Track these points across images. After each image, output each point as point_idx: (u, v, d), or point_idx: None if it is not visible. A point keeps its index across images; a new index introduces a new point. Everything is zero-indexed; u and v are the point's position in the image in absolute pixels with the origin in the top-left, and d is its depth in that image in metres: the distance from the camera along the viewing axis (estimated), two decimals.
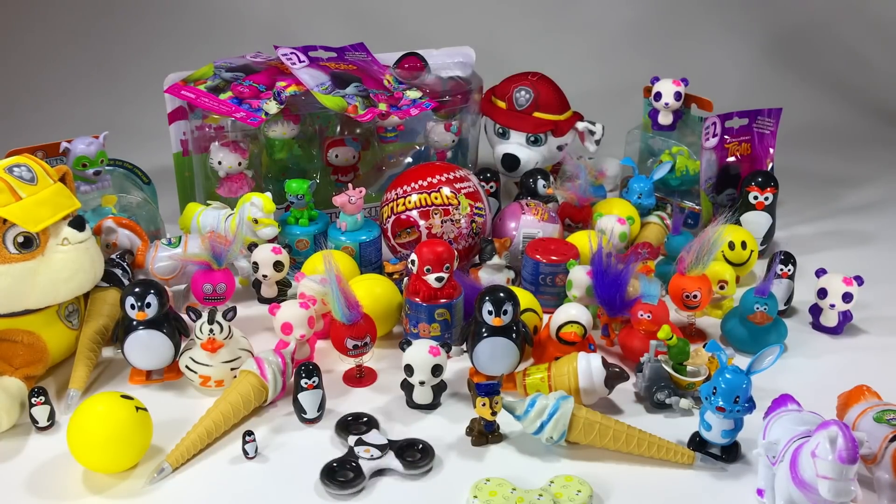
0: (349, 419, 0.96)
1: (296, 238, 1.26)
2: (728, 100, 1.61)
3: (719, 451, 0.93)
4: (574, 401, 0.93)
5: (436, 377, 0.98)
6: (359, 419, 0.96)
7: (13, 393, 0.97)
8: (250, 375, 0.98)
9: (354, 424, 0.95)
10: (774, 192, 1.34)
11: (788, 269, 1.21)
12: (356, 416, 0.97)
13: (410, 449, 0.92)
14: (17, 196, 0.97)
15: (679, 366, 1.01)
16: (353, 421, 0.96)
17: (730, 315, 1.16)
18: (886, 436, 0.84)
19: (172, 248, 1.19)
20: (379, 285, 1.13)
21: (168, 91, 1.32)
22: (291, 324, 1.04)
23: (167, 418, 0.95)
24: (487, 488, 0.86)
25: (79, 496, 0.87)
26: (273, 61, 1.37)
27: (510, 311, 0.99)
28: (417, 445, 0.92)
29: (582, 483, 0.87)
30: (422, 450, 0.92)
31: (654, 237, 1.35)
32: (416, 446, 0.92)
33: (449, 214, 1.21)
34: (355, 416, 0.97)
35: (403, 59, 1.47)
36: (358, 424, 0.96)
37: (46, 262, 0.99)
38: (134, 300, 0.99)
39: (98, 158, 1.26)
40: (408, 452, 0.91)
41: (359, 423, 0.96)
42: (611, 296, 1.10)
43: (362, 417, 0.97)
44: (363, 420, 0.96)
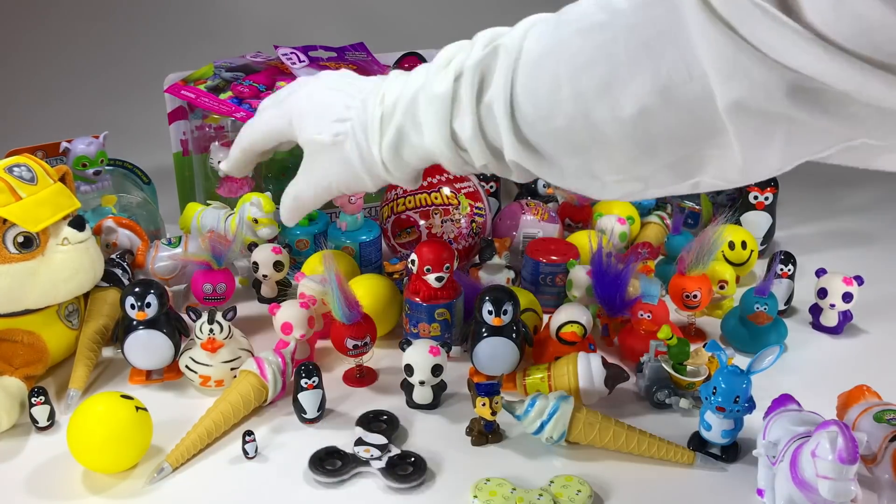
0: (370, 416, 0.96)
1: (296, 238, 1.26)
2: None
3: (719, 451, 0.93)
4: (574, 401, 0.93)
5: (436, 377, 0.98)
6: (379, 416, 0.97)
7: (13, 393, 0.97)
8: (250, 375, 0.98)
9: (375, 422, 0.96)
10: (774, 192, 1.34)
11: (788, 269, 1.21)
12: (377, 414, 0.97)
13: (402, 462, 0.90)
14: (17, 196, 0.97)
15: (679, 366, 1.01)
16: (374, 418, 0.96)
17: (730, 315, 1.16)
18: (886, 436, 0.84)
19: (172, 248, 1.19)
20: (379, 285, 1.13)
21: (168, 91, 1.32)
22: (291, 324, 1.04)
23: (167, 418, 0.95)
24: (487, 488, 0.86)
25: (79, 496, 0.87)
26: (273, 61, 1.37)
27: (510, 311, 0.99)
28: (410, 458, 0.91)
29: (582, 483, 0.87)
30: (414, 463, 0.90)
31: (654, 237, 1.35)
32: (409, 459, 0.91)
33: (449, 214, 1.21)
34: (376, 414, 0.97)
35: (403, 58, 1.47)
36: (378, 422, 0.96)
37: (46, 262, 0.99)
38: (134, 300, 0.99)
39: (98, 158, 1.26)
40: (399, 465, 0.90)
41: (379, 420, 0.96)
42: (611, 296, 1.10)
43: (383, 415, 0.97)
44: (383, 418, 0.97)
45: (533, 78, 0.76)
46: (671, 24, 0.68)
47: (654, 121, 0.71)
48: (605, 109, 0.73)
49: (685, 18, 0.66)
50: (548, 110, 0.76)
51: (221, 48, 1.60)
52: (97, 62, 1.98)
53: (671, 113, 0.71)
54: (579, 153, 0.77)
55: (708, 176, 0.75)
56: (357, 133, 0.88)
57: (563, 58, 0.74)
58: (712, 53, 0.65)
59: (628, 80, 0.71)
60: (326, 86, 0.93)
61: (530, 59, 0.77)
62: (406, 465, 0.90)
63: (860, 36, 0.58)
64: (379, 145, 0.87)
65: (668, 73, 0.69)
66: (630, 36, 0.70)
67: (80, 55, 1.98)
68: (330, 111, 0.90)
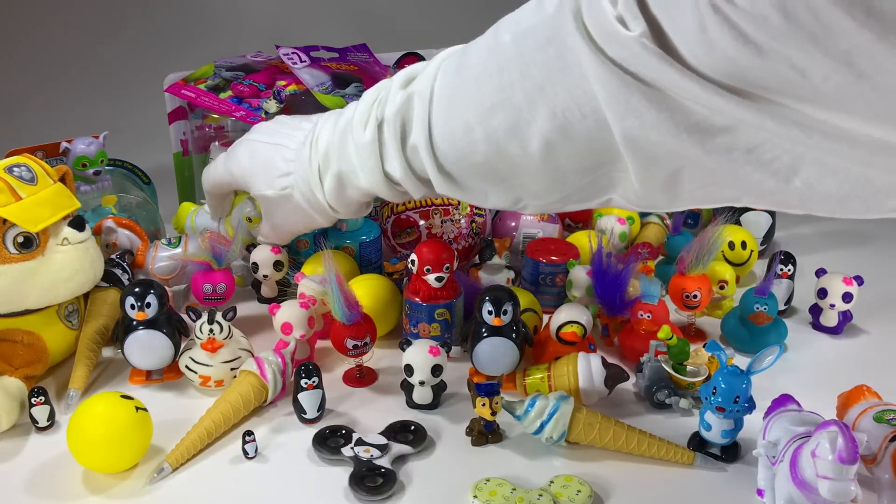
0: (327, 432, 0.94)
1: (296, 238, 1.26)
2: None
3: (719, 451, 0.93)
4: (574, 401, 0.93)
5: (436, 377, 0.98)
6: (336, 432, 0.94)
7: (13, 393, 0.97)
8: (250, 375, 0.98)
9: (332, 437, 0.94)
10: None
11: (788, 269, 1.21)
12: (333, 430, 0.95)
13: (404, 431, 0.94)
14: (17, 196, 0.97)
15: (679, 366, 1.01)
16: (331, 434, 0.94)
17: (730, 315, 1.16)
18: (886, 436, 0.84)
19: (172, 249, 1.19)
20: (379, 285, 1.13)
21: (168, 90, 1.32)
22: (291, 324, 1.04)
23: (167, 418, 0.95)
24: (487, 488, 0.86)
25: (79, 496, 0.87)
26: (273, 60, 1.37)
27: (510, 311, 0.99)
28: (410, 427, 0.95)
29: (582, 483, 0.87)
30: (414, 430, 0.94)
31: (654, 237, 1.35)
32: (409, 427, 0.95)
33: (449, 214, 1.21)
34: (332, 429, 0.95)
35: (403, 59, 1.47)
36: (336, 437, 0.94)
37: (46, 262, 0.99)
38: (134, 300, 0.99)
39: (98, 158, 1.26)
40: (400, 435, 0.94)
41: (336, 436, 0.94)
42: (611, 296, 1.10)
43: (340, 430, 0.95)
44: (341, 433, 0.94)
45: (447, 122, 0.84)
46: (562, 66, 0.73)
47: (559, 154, 0.78)
48: (515, 146, 0.80)
49: (577, 59, 0.71)
50: (465, 150, 0.84)
51: (221, 48, 1.60)
52: (97, 62, 1.98)
53: (572, 146, 0.76)
54: (499, 183, 0.86)
55: (617, 195, 0.81)
56: (300, 185, 0.99)
57: (471, 103, 0.81)
58: (604, 93, 0.70)
59: (530, 121, 0.77)
60: (263, 141, 1.03)
61: (442, 105, 0.85)
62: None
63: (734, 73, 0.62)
64: (322, 192, 0.99)
65: (563, 112, 0.74)
66: (524, 81, 0.76)
67: (80, 55, 1.98)
68: (272, 168, 1.01)
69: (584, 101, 0.72)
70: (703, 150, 0.68)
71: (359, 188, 0.96)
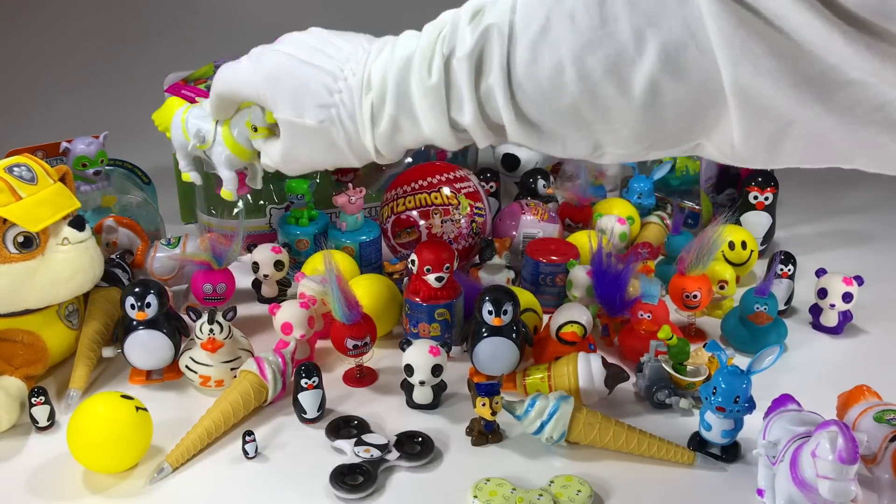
0: (340, 422, 0.96)
1: (296, 238, 1.26)
2: None
3: (719, 451, 0.93)
4: (574, 401, 0.93)
5: (436, 377, 0.98)
6: (349, 422, 0.96)
7: (13, 393, 0.97)
8: (250, 375, 0.98)
9: (345, 427, 0.95)
10: (774, 192, 1.34)
11: (788, 269, 1.21)
12: (346, 420, 0.96)
13: (410, 442, 0.92)
14: (17, 196, 0.97)
15: (679, 366, 1.01)
16: (344, 424, 0.96)
17: (730, 315, 1.16)
18: (886, 436, 0.84)
19: (171, 249, 1.19)
20: (379, 285, 1.13)
21: (168, 91, 1.32)
22: (291, 324, 1.04)
23: (167, 418, 0.95)
24: (487, 488, 0.86)
25: (79, 496, 0.87)
26: None
27: (510, 311, 0.99)
28: (417, 438, 0.93)
29: (582, 483, 0.87)
30: (421, 442, 0.92)
31: (654, 237, 1.35)
32: (416, 439, 0.93)
33: (449, 214, 1.21)
34: (346, 419, 0.96)
35: None
36: (348, 428, 0.95)
37: (46, 262, 0.99)
38: (134, 300, 0.99)
39: (98, 158, 1.26)
40: (407, 445, 0.92)
41: (349, 426, 0.96)
42: (611, 296, 1.10)
43: (353, 420, 0.96)
44: (353, 423, 0.96)
45: (533, 62, 0.74)
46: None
47: (665, 96, 0.70)
48: (612, 88, 0.71)
49: None
50: (551, 91, 0.74)
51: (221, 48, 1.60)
52: (97, 62, 1.98)
53: (681, 87, 0.69)
54: (584, 128, 0.76)
55: (711, 143, 0.74)
56: (345, 122, 0.85)
57: (563, 39, 0.72)
58: (717, 31, 0.64)
59: (635, 59, 0.69)
60: (300, 58, 0.87)
61: (526, 42, 0.74)
62: (414, 444, 0.91)
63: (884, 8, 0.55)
64: (371, 135, 0.85)
65: (675, 48, 0.67)
66: (632, 13, 0.69)
67: (80, 55, 1.98)
68: (308, 94, 0.85)
69: (703, 37, 0.64)
70: (823, 105, 0.61)
71: (416, 134, 0.84)
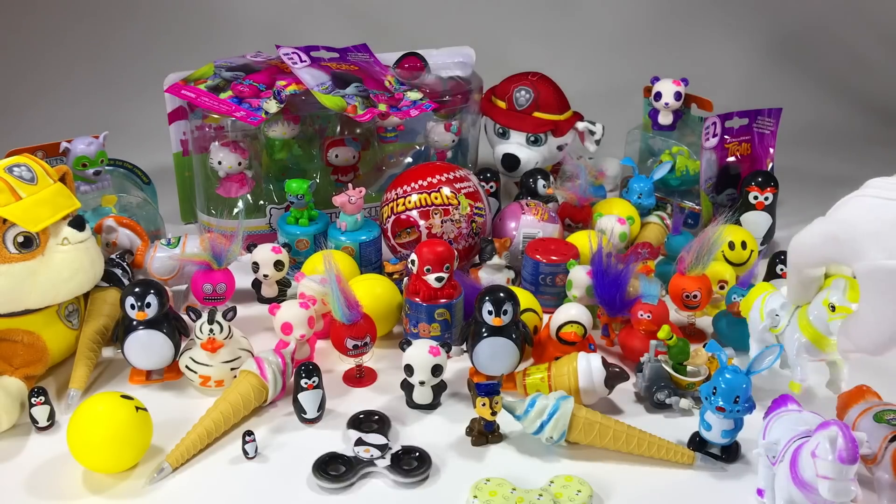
0: (360, 416, 0.96)
1: (296, 238, 1.26)
2: (728, 100, 1.61)
3: (719, 451, 0.93)
4: (574, 401, 0.93)
5: (436, 377, 0.98)
6: (370, 417, 0.96)
7: (13, 393, 0.97)
8: (250, 375, 0.98)
9: (366, 422, 0.96)
10: (774, 192, 1.34)
11: None
12: (368, 414, 0.97)
13: (407, 456, 0.91)
14: (17, 196, 0.97)
15: (679, 366, 1.01)
16: (365, 418, 0.96)
17: (721, 314, 1.16)
18: (886, 436, 0.84)
19: (171, 249, 1.19)
20: (379, 285, 1.13)
21: (168, 91, 1.32)
22: (291, 324, 1.04)
23: (167, 418, 0.95)
24: (487, 488, 0.86)
25: (79, 496, 0.87)
26: (273, 61, 1.37)
27: (510, 311, 0.99)
28: (414, 453, 0.92)
29: (582, 483, 0.87)
30: (418, 457, 0.91)
31: (654, 237, 1.35)
32: (413, 453, 0.91)
33: (449, 214, 1.21)
34: (367, 414, 0.97)
35: (403, 58, 1.47)
36: (369, 422, 0.96)
37: (46, 262, 0.99)
38: (134, 300, 0.99)
39: (98, 158, 1.26)
40: (404, 460, 0.91)
41: (370, 420, 0.96)
42: (611, 296, 1.10)
43: (374, 415, 0.97)
44: (375, 418, 0.96)
45: None
46: None
47: None
48: None
49: None
50: None
51: (221, 48, 1.60)
52: (97, 62, 1.98)
53: None
54: None
55: None
56: None
57: None
58: None
59: None
60: (885, 196, 0.78)
61: None
62: (411, 459, 0.90)
63: None
64: None
65: None
66: None
67: (80, 55, 1.98)
68: None
69: None
70: None
71: None
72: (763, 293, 1.02)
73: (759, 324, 1.00)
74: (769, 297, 1.00)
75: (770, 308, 0.98)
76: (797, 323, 0.94)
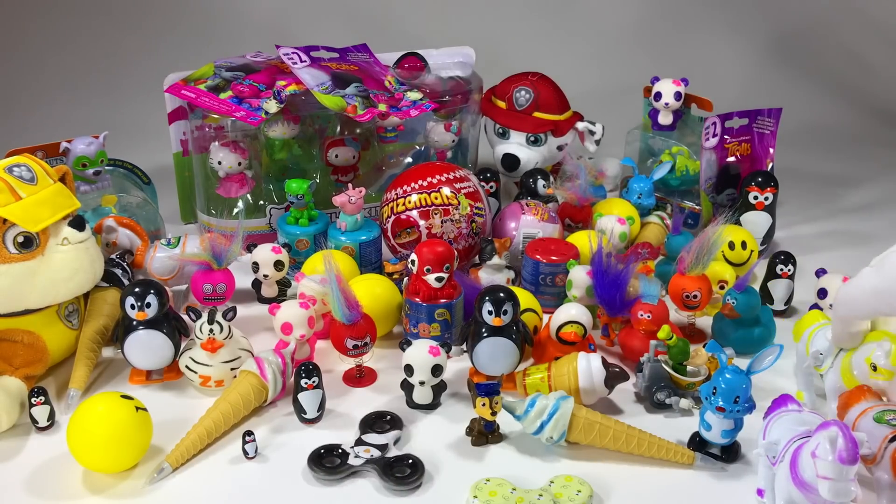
0: (373, 417, 0.96)
1: (296, 238, 1.26)
2: (728, 100, 1.61)
3: (719, 451, 0.93)
4: (574, 401, 0.93)
5: (436, 377, 0.98)
6: (382, 417, 0.97)
7: (13, 393, 0.97)
8: (250, 375, 0.98)
9: (378, 423, 0.96)
10: (774, 192, 1.34)
11: (788, 269, 1.21)
12: (380, 415, 0.97)
13: (400, 464, 0.90)
14: (17, 196, 0.97)
15: (679, 366, 1.01)
16: (377, 419, 0.96)
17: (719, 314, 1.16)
18: (886, 436, 0.84)
19: (171, 249, 1.19)
20: (379, 285, 1.13)
21: (168, 91, 1.32)
22: (291, 324, 1.04)
23: (167, 418, 0.95)
24: (487, 488, 0.86)
25: (79, 496, 0.87)
26: (273, 61, 1.37)
27: (510, 311, 0.99)
28: (407, 460, 0.91)
29: (582, 483, 0.87)
30: (411, 465, 0.90)
31: (654, 237, 1.35)
32: (406, 461, 0.91)
33: (449, 214, 1.21)
34: (379, 415, 0.97)
35: (403, 58, 1.47)
36: (381, 423, 0.96)
37: (46, 262, 0.99)
38: (134, 300, 0.99)
39: (98, 158, 1.26)
40: (397, 468, 0.90)
41: (382, 421, 0.96)
42: (611, 296, 1.10)
43: (386, 416, 0.97)
44: (386, 419, 0.96)
45: None
46: None
47: None
48: None
49: None
50: None
51: (221, 48, 1.60)
52: (97, 62, 1.98)
53: None
54: None
55: None
56: None
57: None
58: None
59: None
60: None
61: None
62: (404, 466, 0.90)
63: None
64: None
65: None
66: None
67: (80, 55, 1.98)
68: None
69: None
70: None
71: None
72: (814, 324, 1.03)
73: (804, 358, 1.02)
74: (817, 332, 1.02)
75: (815, 348, 1.00)
76: (839, 368, 0.96)
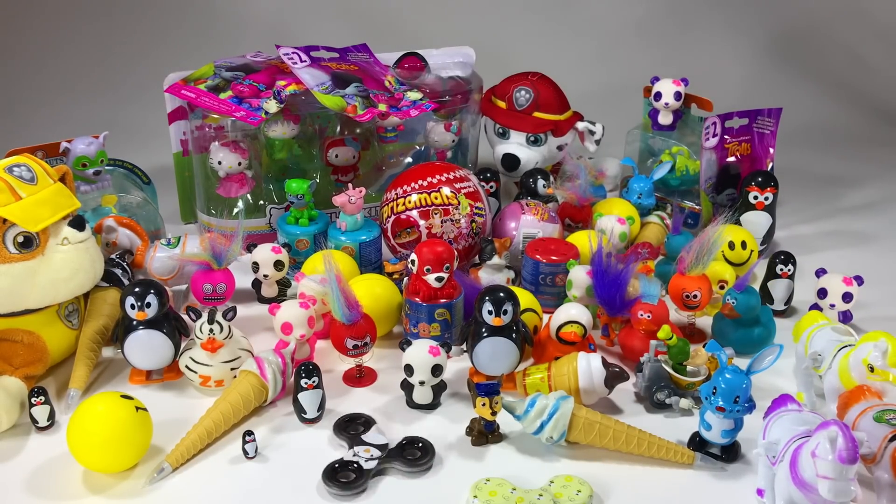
0: (346, 420, 0.96)
1: (296, 238, 1.26)
2: (728, 100, 1.61)
3: (719, 451, 0.93)
4: (574, 401, 0.93)
5: (436, 377, 0.98)
6: (356, 419, 0.96)
7: (13, 393, 0.97)
8: (250, 375, 0.98)
9: (352, 425, 0.95)
10: (774, 192, 1.34)
11: (788, 269, 1.21)
12: (353, 417, 0.97)
13: (411, 447, 0.92)
14: (17, 196, 0.97)
15: (679, 366, 1.01)
16: (351, 421, 0.96)
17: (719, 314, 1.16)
18: (886, 436, 0.84)
19: (171, 249, 1.19)
20: (379, 285, 1.13)
21: (168, 91, 1.32)
22: (291, 324, 1.04)
23: (167, 418, 0.95)
24: (487, 488, 0.86)
25: (79, 496, 0.87)
26: (273, 61, 1.37)
27: (510, 311, 0.99)
28: (417, 443, 0.92)
29: (582, 483, 0.87)
30: (422, 448, 0.92)
31: (654, 237, 1.35)
32: (416, 444, 0.92)
33: (449, 214, 1.21)
34: (352, 417, 0.97)
35: (403, 58, 1.47)
36: (355, 425, 0.95)
37: (46, 262, 0.99)
38: (134, 300, 0.99)
39: (98, 158, 1.26)
40: (408, 451, 0.91)
41: (356, 423, 0.96)
42: (611, 296, 1.10)
43: (359, 418, 0.97)
44: (360, 420, 0.96)
45: None
46: None
47: None
48: None
49: None
50: None
51: (221, 48, 1.60)
52: (97, 62, 1.98)
53: None
54: None
55: None
56: None
57: None
58: None
59: None
60: None
61: None
62: (415, 449, 0.91)
63: None
64: None
65: None
66: None
67: (79, 55, 1.98)
68: None
69: None
70: None
71: None
72: (813, 325, 1.04)
73: (803, 359, 1.02)
74: (816, 333, 1.02)
75: (813, 349, 1.01)
76: (838, 369, 0.96)
